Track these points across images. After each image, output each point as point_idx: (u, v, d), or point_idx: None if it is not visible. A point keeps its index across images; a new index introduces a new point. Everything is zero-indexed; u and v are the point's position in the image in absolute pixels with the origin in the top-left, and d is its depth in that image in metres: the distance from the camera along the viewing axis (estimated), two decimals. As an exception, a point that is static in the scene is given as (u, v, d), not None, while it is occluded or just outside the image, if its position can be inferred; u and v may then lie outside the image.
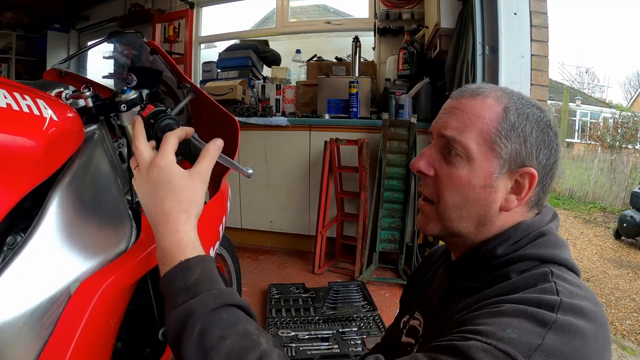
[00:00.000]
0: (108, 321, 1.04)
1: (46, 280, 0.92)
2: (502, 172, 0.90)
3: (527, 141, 0.90)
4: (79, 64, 1.73)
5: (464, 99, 0.94)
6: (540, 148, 0.91)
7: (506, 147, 0.89)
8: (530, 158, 0.90)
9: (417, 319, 1.08)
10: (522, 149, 0.90)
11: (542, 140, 0.91)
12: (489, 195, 0.91)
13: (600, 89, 24.90)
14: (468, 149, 0.90)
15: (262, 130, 4.45)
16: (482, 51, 3.41)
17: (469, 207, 0.93)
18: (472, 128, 0.91)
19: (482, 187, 0.91)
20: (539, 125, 0.91)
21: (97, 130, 1.35)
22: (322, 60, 5.19)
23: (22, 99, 0.94)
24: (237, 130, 1.79)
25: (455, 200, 0.93)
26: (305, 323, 2.91)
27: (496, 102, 0.92)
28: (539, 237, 0.90)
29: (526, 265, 0.87)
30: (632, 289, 5.03)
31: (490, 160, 0.90)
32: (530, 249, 0.88)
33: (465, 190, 0.92)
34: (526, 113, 0.91)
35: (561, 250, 0.89)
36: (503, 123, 0.90)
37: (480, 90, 0.94)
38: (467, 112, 0.92)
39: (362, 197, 3.96)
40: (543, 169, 0.92)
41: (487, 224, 0.93)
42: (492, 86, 0.97)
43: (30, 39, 7.02)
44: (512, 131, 0.90)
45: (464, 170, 0.91)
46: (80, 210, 1.08)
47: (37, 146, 0.92)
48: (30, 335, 0.87)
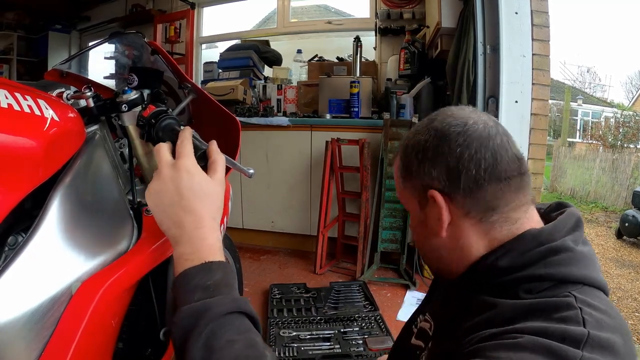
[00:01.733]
0: (109, 321, 1.04)
1: (47, 281, 0.92)
2: (422, 207, 0.91)
3: (413, 171, 0.90)
4: (80, 64, 1.73)
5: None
6: (428, 166, 0.88)
7: (409, 186, 0.93)
8: (427, 181, 0.88)
9: (429, 322, 1.04)
10: (415, 180, 0.91)
11: (425, 157, 0.88)
12: (424, 230, 0.94)
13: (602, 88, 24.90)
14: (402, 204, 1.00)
15: (263, 131, 4.45)
16: (483, 50, 3.41)
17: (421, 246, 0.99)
18: (397, 187, 0.99)
19: (418, 227, 0.96)
20: (421, 144, 0.89)
21: (99, 130, 1.35)
22: (323, 60, 5.20)
23: (23, 100, 0.94)
24: (238, 130, 1.79)
25: (416, 244, 1.02)
26: (306, 323, 2.91)
27: (397, 158, 0.98)
28: (552, 254, 0.80)
29: (539, 286, 0.78)
30: (634, 288, 5.02)
31: (411, 202, 0.94)
32: (542, 268, 0.79)
33: (414, 233, 1.00)
34: (411, 145, 0.92)
35: (581, 268, 0.80)
36: (400, 170, 0.95)
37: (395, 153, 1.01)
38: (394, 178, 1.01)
39: (363, 197, 3.96)
40: (448, 179, 0.85)
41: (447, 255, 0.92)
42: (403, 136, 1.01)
43: (31, 40, 7.03)
44: (406, 171, 0.93)
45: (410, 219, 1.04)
46: (81, 211, 1.08)
47: (38, 146, 0.92)
48: (31, 336, 0.87)
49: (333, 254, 4.32)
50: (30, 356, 0.87)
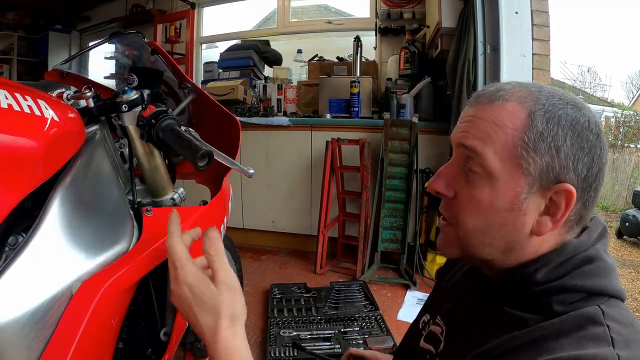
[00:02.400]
0: (109, 321, 1.04)
1: (47, 281, 0.92)
2: (532, 191, 0.78)
3: (560, 151, 0.76)
4: (81, 64, 1.74)
5: (481, 105, 0.83)
6: (577, 157, 0.76)
7: (535, 162, 0.77)
8: (565, 171, 0.76)
9: (439, 326, 0.99)
10: (554, 161, 0.76)
11: (579, 147, 0.76)
12: (517, 219, 0.80)
13: (602, 88, 24.84)
14: (490, 167, 0.79)
15: (263, 131, 4.45)
16: (484, 50, 3.41)
17: (493, 232, 0.82)
18: (494, 140, 0.79)
19: (508, 211, 0.80)
20: (575, 128, 0.77)
21: (99, 130, 1.35)
22: (324, 60, 5.20)
23: (23, 100, 0.94)
24: (239, 130, 1.79)
25: (476, 224, 0.83)
26: (307, 323, 2.91)
27: (519, 107, 0.79)
28: (586, 263, 0.78)
29: (571, 298, 0.75)
30: (635, 288, 5.02)
31: (516, 179, 0.78)
32: (576, 279, 0.76)
33: (488, 215, 0.81)
34: (557, 116, 0.77)
35: (611, 279, 0.79)
36: (529, 132, 0.77)
37: (499, 93, 0.81)
38: (487, 120, 0.81)
39: (363, 196, 3.96)
40: (583, 181, 0.77)
41: (516, 250, 0.82)
42: (514, 85, 0.83)
43: (31, 40, 7.03)
44: (540, 141, 0.76)
45: (485, 192, 0.80)
46: (82, 211, 1.08)
47: (38, 147, 0.92)
48: (32, 336, 0.87)
49: (333, 254, 4.32)
50: (30, 356, 0.87)
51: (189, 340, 1.74)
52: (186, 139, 1.23)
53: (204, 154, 1.16)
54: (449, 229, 0.89)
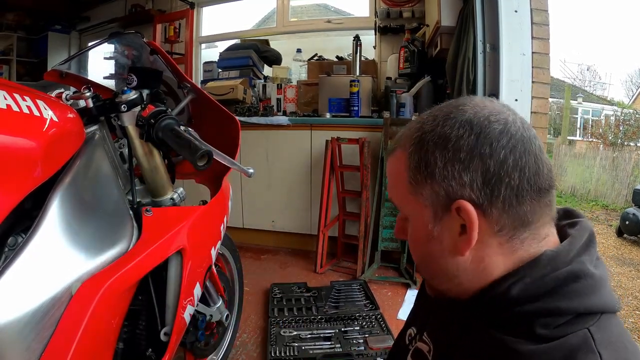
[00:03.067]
0: (109, 321, 1.04)
1: (47, 281, 0.92)
2: (439, 218, 0.78)
3: (434, 174, 0.76)
4: (80, 65, 1.74)
5: (387, 161, 0.89)
6: (457, 170, 0.74)
7: (424, 191, 0.78)
8: (455, 189, 0.74)
9: (426, 344, 0.95)
10: (434, 185, 0.76)
11: (454, 159, 0.74)
12: (436, 246, 0.79)
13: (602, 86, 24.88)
14: (402, 210, 0.87)
15: (263, 130, 4.44)
16: (483, 49, 3.41)
17: (429, 263, 0.85)
18: (397, 187, 0.84)
19: (428, 241, 0.80)
20: (441, 144, 0.75)
21: (98, 130, 1.35)
22: (323, 60, 5.19)
23: (22, 100, 0.94)
24: (238, 129, 1.79)
25: (417, 258, 0.88)
26: (307, 322, 2.91)
27: (401, 151, 0.82)
28: (571, 281, 0.72)
29: (557, 321, 0.69)
30: (635, 286, 5.01)
31: (421, 212, 0.80)
32: (560, 300, 0.70)
33: (418, 248, 0.85)
34: (425, 142, 0.77)
35: (601, 295, 0.72)
36: (410, 170, 0.79)
37: (394, 145, 0.87)
38: (390, 174, 0.87)
39: (363, 196, 3.96)
40: (483, 187, 0.73)
41: (460, 276, 0.79)
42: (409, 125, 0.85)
43: (31, 41, 7.02)
44: (418, 173, 0.78)
45: (411, 230, 0.85)
46: (81, 211, 1.08)
47: (38, 147, 0.92)
48: (32, 336, 0.87)
49: (334, 253, 4.32)
50: (30, 356, 0.87)
51: (189, 340, 1.74)
52: (185, 139, 1.23)
53: (203, 154, 1.16)
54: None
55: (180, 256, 1.34)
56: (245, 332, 2.86)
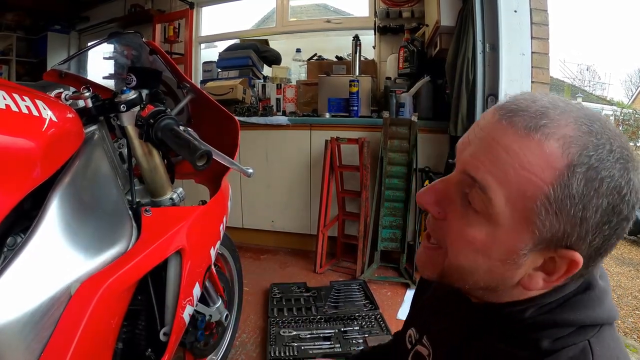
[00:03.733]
0: (109, 321, 1.04)
1: (46, 281, 0.92)
2: (535, 250, 0.67)
3: (584, 223, 0.64)
4: (79, 64, 1.74)
5: (513, 130, 0.66)
6: (599, 230, 0.64)
7: (551, 225, 0.64)
8: (580, 242, 0.65)
9: (426, 347, 0.92)
10: (573, 230, 0.64)
11: (607, 220, 0.64)
12: (508, 270, 0.70)
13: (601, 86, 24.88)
14: (495, 211, 0.67)
15: (262, 130, 4.44)
16: (483, 49, 3.41)
17: (478, 275, 0.73)
18: (512, 183, 0.65)
19: (501, 261, 0.69)
20: (612, 199, 0.63)
21: (97, 130, 1.35)
22: (323, 60, 5.19)
23: (21, 100, 0.94)
24: (237, 129, 1.79)
25: (461, 263, 0.73)
26: (307, 322, 2.91)
27: (560, 152, 0.63)
28: (579, 292, 0.72)
29: (561, 332, 0.68)
30: (635, 286, 5.01)
31: (522, 233, 0.67)
32: (567, 312, 0.69)
33: (477, 258, 0.71)
34: (600, 178, 0.62)
35: (603, 306, 0.71)
36: (559, 189, 0.63)
37: (542, 121, 0.65)
38: (512, 155, 0.65)
39: (363, 196, 3.95)
40: (595, 251, 0.66)
41: (499, 293, 0.74)
42: (564, 112, 0.66)
43: (30, 41, 7.02)
44: (567, 205, 0.63)
45: (481, 233, 0.69)
46: (80, 211, 1.08)
47: (37, 147, 0.92)
48: (31, 336, 0.87)
49: (333, 253, 4.32)
50: (29, 356, 0.87)
51: (189, 340, 1.74)
52: (185, 139, 1.23)
53: (202, 154, 1.16)
54: (433, 253, 0.78)
55: (179, 256, 1.33)
56: (245, 332, 2.86)
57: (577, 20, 36.57)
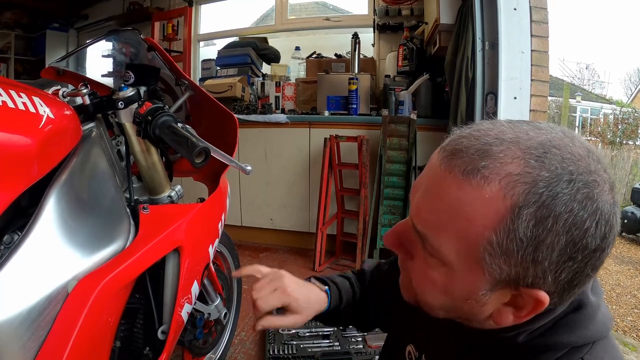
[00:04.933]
0: (106, 319, 1.03)
1: (43, 279, 0.92)
2: (494, 289, 0.65)
3: (538, 264, 0.59)
4: (77, 62, 1.73)
5: (451, 176, 0.62)
6: (563, 268, 0.60)
7: (501, 269, 0.62)
8: (540, 281, 0.61)
9: None
10: (527, 272, 0.61)
11: (570, 257, 0.59)
12: (473, 308, 0.68)
13: (601, 85, 24.87)
14: (444, 258, 0.65)
15: (261, 128, 4.44)
16: (482, 47, 3.40)
17: (447, 310, 0.72)
18: (452, 232, 0.63)
19: (465, 300, 0.67)
20: (573, 234, 0.58)
21: (95, 128, 1.34)
22: (322, 57, 5.18)
23: (18, 97, 0.94)
24: (236, 127, 1.79)
25: (430, 302, 0.73)
26: (306, 320, 2.88)
27: (501, 194, 0.58)
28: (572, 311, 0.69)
29: (554, 355, 0.67)
30: (633, 285, 5.01)
31: (476, 276, 0.64)
32: (560, 334, 0.67)
33: (442, 297, 0.70)
34: (555, 215, 0.57)
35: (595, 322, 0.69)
36: (502, 235, 0.59)
37: (482, 163, 0.60)
38: (449, 204, 0.62)
39: (362, 194, 3.95)
40: (566, 284, 0.62)
41: (477, 324, 0.73)
42: (510, 144, 0.61)
43: (29, 39, 7.01)
44: (515, 250, 0.59)
45: (440, 275, 0.67)
46: (78, 208, 1.07)
47: (33, 144, 0.92)
48: (27, 335, 0.86)
49: (332, 251, 4.32)
50: (26, 355, 0.87)
51: (187, 339, 1.74)
52: (183, 136, 1.23)
53: (200, 151, 1.15)
54: (406, 284, 0.78)
55: (177, 254, 1.33)
56: (244, 331, 2.86)
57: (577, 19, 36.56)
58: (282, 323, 1.06)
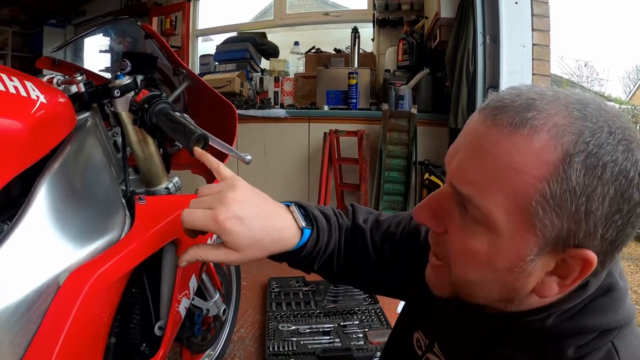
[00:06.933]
0: (100, 314, 0.99)
1: (33, 271, 0.88)
2: (542, 254, 0.62)
3: (590, 216, 0.58)
4: (74, 52, 1.69)
5: (498, 130, 0.61)
6: (610, 222, 0.58)
7: (553, 224, 0.59)
8: (590, 238, 0.59)
9: (438, 356, 0.87)
10: (579, 226, 0.59)
11: (617, 209, 0.58)
12: (517, 280, 0.65)
13: (600, 82, 24.88)
14: (491, 220, 0.62)
15: (260, 123, 4.42)
16: (483, 41, 3.39)
17: (488, 288, 0.69)
18: (502, 188, 0.61)
19: (508, 270, 0.65)
20: (619, 184, 0.57)
21: (90, 117, 1.30)
22: (321, 52, 5.17)
23: (9, 80, 0.90)
24: (235, 116, 1.76)
25: (469, 277, 0.69)
26: (306, 317, 2.88)
27: (552, 143, 0.58)
28: (600, 295, 0.68)
29: (584, 339, 0.65)
30: (634, 281, 5.01)
31: (524, 238, 0.62)
32: (589, 317, 0.66)
33: (483, 270, 0.67)
34: (602, 164, 0.56)
35: (624, 306, 0.68)
36: (556, 185, 0.58)
37: (529, 114, 0.60)
38: (497, 158, 0.61)
39: (362, 189, 3.93)
40: (610, 245, 0.61)
41: (516, 303, 0.70)
42: (552, 101, 0.61)
43: (26, 35, 6.98)
44: (568, 201, 0.58)
45: (483, 244, 0.65)
46: (71, 198, 1.04)
47: (24, 128, 0.88)
48: (16, 329, 0.82)
49: (332, 247, 4.27)
50: (15, 350, 0.83)
51: (186, 335, 1.71)
52: (180, 123, 1.19)
53: (198, 138, 1.11)
54: (440, 270, 0.75)
55: (174, 246, 1.29)
56: (243, 327, 2.84)
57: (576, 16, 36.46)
58: (211, 257, 0.89)
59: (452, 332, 0.85)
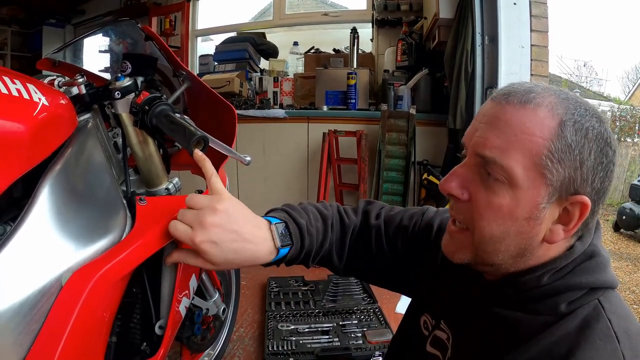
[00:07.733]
0: (101, 314, 1.00)
1: (36, 271, 0.89)
2: (551, 201, 0.79)
3: (583, 164, 0.77)
4: (73, 53, 1.70)
5: (510, 106, 0.80)
6: (596, 171, 0.78)
7: (558, 173, 0.77)
8: (584, 185, 0.78)
9: (444, 332, 0.99)
10: (576, 174, 0.77)
11: (599, 161, 0.78)
12: (533, 228, 0.80)
13: (599, 82, 24.88)
14: (513, 175, 0.78)
15: (259, 123, 4.42)
16: (482, 41, 3.40)
17: (509, 240, 0.82)
18: (519, 148, 0.77)
19: (526, 219, 0.80)
20: (599, 143, 0.77)
21: (91, 119, 1.31)
22: (320, 53, 5.17)
23: (11, 83, 0.91)
24: (235, 118, 1.76)
25: (493, 232, 0.82)
26: (305, 316, 2.89)
27: (550, 114, 0.77)
28: (587, 259, 0.82)
29: (575, 295, 0.79)
30: (632, 281, 5.03)
31: (538, 188, 0.78)
32: (578, 276, 0.80)
33: (506, 222, 0.80)
34: (585, 128, 0.77)
35: (607, 272, 0.82)
36: (557, 142, 0.76)
37: (531, 95, 0.79)
38: (513, 125, 0.78)
39: (361, 189, 3.94)
40: (596, 194, 0.79)
41: (526, 256, 0.83)
42: (545, 88, 0.81)
43: (25, 35, 6.98)
44: (567, 153, 0.76)
45: (505, 199, 0.79)
46: (72, 199, 1.05)
47: (26, 130, 0.89)
48: (19, 330, 0.83)
49: (331, 247, 4.28)
50: (18, 350, 0.84)
51: (186, 335, 1.72)
52: (180, 124, 1.20)
53: (198, 139, 1.13)
54: (462, 235, 0.88)
55: (175, 246, 1.30)
56: (242, 327, 2.85)
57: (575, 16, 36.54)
58: (191, 262, 1.04)
59: (456, 306, 0.97)
